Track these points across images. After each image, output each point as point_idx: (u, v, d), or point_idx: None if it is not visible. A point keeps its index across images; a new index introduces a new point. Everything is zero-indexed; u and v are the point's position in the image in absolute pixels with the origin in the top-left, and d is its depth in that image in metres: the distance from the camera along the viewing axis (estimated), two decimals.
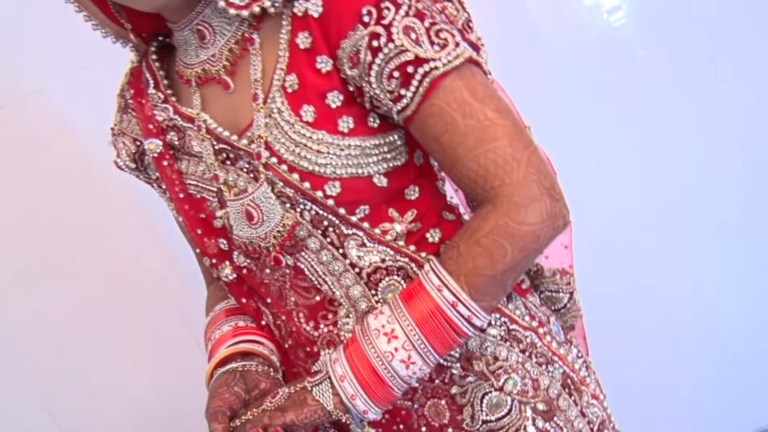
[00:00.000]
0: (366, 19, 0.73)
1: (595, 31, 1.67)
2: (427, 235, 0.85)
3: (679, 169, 1.73)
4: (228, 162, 0.84)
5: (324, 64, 0.77)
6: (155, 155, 0.89)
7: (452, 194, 0.94)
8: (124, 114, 0.96)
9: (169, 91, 0.90)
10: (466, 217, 0.93)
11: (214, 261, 0.91)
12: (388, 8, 0.73)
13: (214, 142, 0.84)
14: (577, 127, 1.62)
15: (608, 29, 1.67)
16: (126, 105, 0.95)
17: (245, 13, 0.77)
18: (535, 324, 0.87)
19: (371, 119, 0.79)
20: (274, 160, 0.79)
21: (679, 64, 1.67)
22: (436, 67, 0.72)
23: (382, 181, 0.81)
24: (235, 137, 0.82)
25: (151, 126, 0.89)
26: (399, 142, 0.82)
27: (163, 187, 0.92)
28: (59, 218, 1.50)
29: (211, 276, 1.03)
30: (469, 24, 0.86)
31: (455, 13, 0.85)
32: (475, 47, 0.82)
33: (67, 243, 1.51)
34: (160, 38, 0.95)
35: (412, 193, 0.84)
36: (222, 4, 0.77)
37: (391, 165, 0.81)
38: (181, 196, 0.89)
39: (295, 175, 0.79)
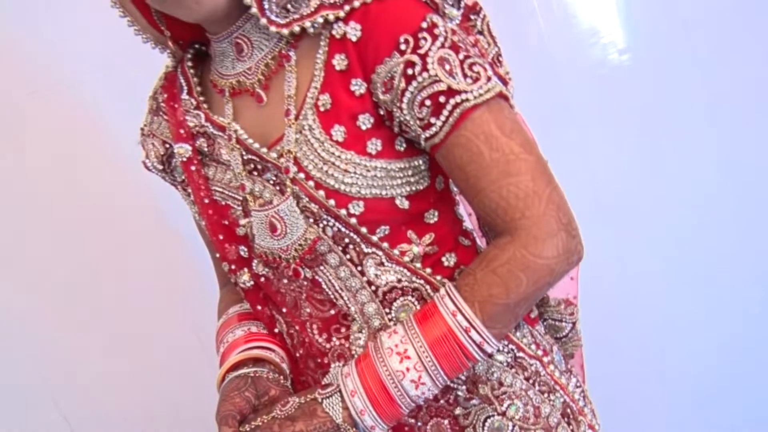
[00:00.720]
0: (403, 47, 0.75)
1: (608, 68, 1.70)
2: (443, 258, 0.86)
3: (685, 199, 1.76)
4: (255, 173, 0.85)
5: (358, 86, 0.78)
6: (184, 159, 0.90)
7: (465, 218, 0.95)
8: (155, 116, 0.97)
9: (201, 98, 0.91)
10: (479, 242, 0.95)
11: (233, 267, 0.92)
12: (425, 38, 0.74)
13: (243, 153, 0.86)
14: (585, 157, 1.65)
15: (620, 67, 1.70)
16: (158, 108, 0.96)
17: (286, 32, 0.79)
18: (540, 353, 0.88)
19: (398, 143, 0.81)
20: (301, 175, 0.80)
21: (679, 101, 1.70)
22: (467, 99, 0.74)
23: (403, 204, 0.82)
24: (264, 150, 0.83)
25: (181, 131, 0.90)
26: (423, 167, 0.83)
27: (188, 190, 0.93)
28: (78, 213, 1.50)
29: (225, 279, 1.04)
30: (499, 58, 0.87)
31: (486, 47, 0.87)
32: (504, 81, 0.84)
33: (84, 241, 1.51)
34: (197, 46, 0.96)
35: (432, 216, 0.85)
36: (264, 21, 0.78)
37: (413, 188, 0.82)
38: (206, 201, 0.90)
39: (321, 192, 0.80)
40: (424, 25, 0.75)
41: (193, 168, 0.90)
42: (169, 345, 1.60)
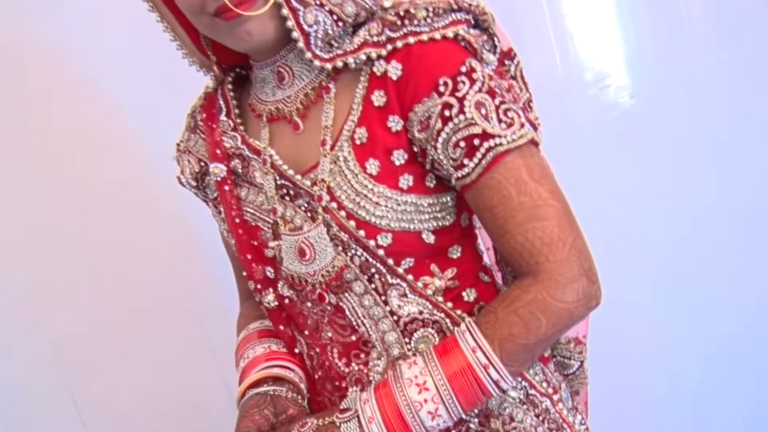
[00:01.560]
0: (442, 89, 0.76)
1: (618, 111, 1.73)
2: (464, 293, 0.87)
3: (693, 241, 1.79)
4: (287, 198, 0.87)
5: (395, 123, 0.80)
6: (218, 179, 0.91)
7: (484, 252, 0.97)
8: (192, 133, 0.99)
9: (239, 120, 0.93)
10: (497, 276, 0.96)
11: (258, 286, 0.93)
12: (463, 82, 0.76)
13: (277, 177, 0.87)
14: (594, 197, 1.67)
15: (630, 110, 1.73)
16: (195, 125, 0.98)
17: (329, 66, 0.80)
18: (550, 391, 0.89)
19: (429, 179, 0.82)
20: (333, 204, 0.82)
21: (685, 144, 1.74)
22: (501, 144, 0.76)
23: (429, 238, 0.83)
24: (298, 177, 0.85)
25: (218, 151, 0.92)
26: (450, 204, 0.84)
27: (219, 208, 0.94)
28: (99, 215, 1.52)
29: (246, 293, 1.05)
30: (530, 103, 0.89)
31: (519, 92, 0.89)
32: (534, 126, 0.86)
33: (102, 244, 1.52)
34: (237, 70, 0.98)
35: (455, 252, 0.87)
36: (309, 55, 0.79)
37: (440, 224, 0.84)
38: (237, 221, 0.91)
39: (352, 223, 0.81)
40: (463, 69, 0.77)
41: (226, 188, 0.91)
42: (180, 348, 1.60)
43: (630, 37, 1.72)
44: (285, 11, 0.77)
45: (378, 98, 0.80)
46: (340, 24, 0.80)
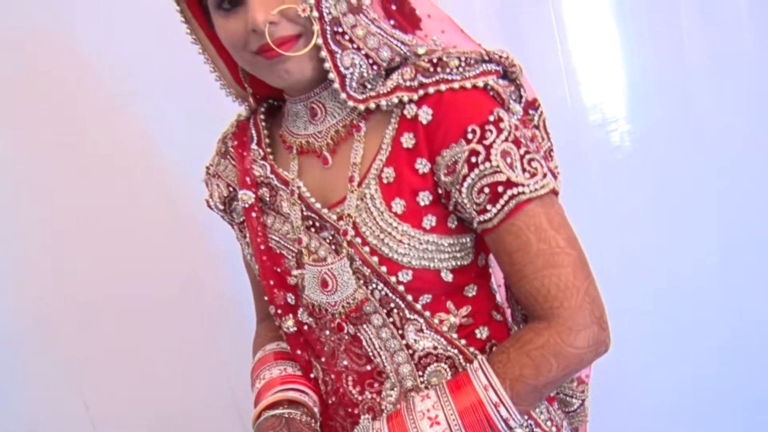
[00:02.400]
0: (470, 136, 0.79)
1: (624, 154, 1.76)
2: (477, 331, 0.89)
3: (700, 283, 1.81)
4: (313, 229, 0.89)
5: (422, 165, 0.82)
6: (246, 206, 0.93)
7: (496, 291, 0.99)
8: (222, 159, 1.01)
9: (269, 150, 0.96)
10: (508, 313, 0.99)
11: (279, 312, 0.95)
12: (491, 131, 0.79)
13: (304, 209, 0.89)
14: (599, 235, 1.69)
15: (638, 152, 1.76)
16: (226, 151, 1.00)
17: (362, 107, 0.83)
18: (554, 429, 0.91)
19: (450, 220, 0.84)
20: (358, 240, 0.84)
21: (687, 187, 1.77)
22: (524, 192, 0.78)
23: (447, 276, 0.86)
24: (325, 210, 0.87)
25: (247, 178, 0.94)
26: (469, 244, 0.87)
27: (245, 232, 0.96)
28: (119, 219, 1.53)
29: (264, 314, 1.07)
30: (551, 152, 0.92)
31: (541, 141, 0.92)
32: (553, 175, 0.88)
33: (120, 246, 1.53)
34: (270, 100, 1.01)
35: (471, 290, 0.89)
36: (344, 96, 0.82)
37: (458, 263, 0.86)
38: (262, 247, 0.93)
39: (375, 258, 0.83)
40: (492, 118, 0.79)
41: (253, 214, 0.93)
42: (188, 349, 1.60)
43: (635, 81, 1.75)
44: (324, 53, 0.80)
45: (407, 140, 0.83)
46: (375, 67, 0.83)
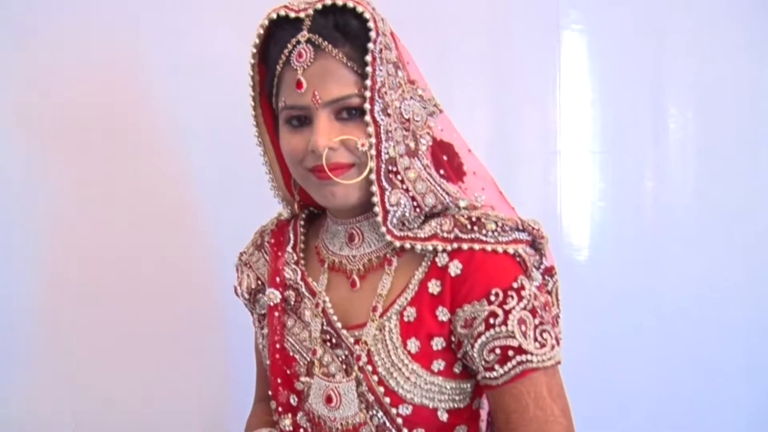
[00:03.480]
0: (492, 298, 0.84)
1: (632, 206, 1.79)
2: None
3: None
4: (329, 344, 0.93)
5: (442, 314, 0.87)
6: (271, 304, 0.98)
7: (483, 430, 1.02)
8: (257, 250, 1.05)
9: (302, 255, 1.00)
10: None
11: (279, 409, 0.98)
12: (512, 297, 0.84)
13: (324, 323, 0.93)
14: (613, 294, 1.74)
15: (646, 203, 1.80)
16: (262, 244, 1.05)
17: (398, 244, 0.88)
18: None
19: (457, 366, 0.89)
20: (369, 367, 0.88)
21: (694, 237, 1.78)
22: (531, 361, 0.83)
23: (443, 416, 0.90)
24: (344, 331, 0.91)
25: (277, 278, 0.98)
26: (468, 390, 0.91)
27: (263, 324, 1.00)
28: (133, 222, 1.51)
29: (262, 394, 1.10)
30: (558, 318, 0.98)
31: (551, 307, 0.97)
32: (557, 340, 0.94)
33: (131, 254, 1.51)
34: (312, 208, 1.06)
35: (461, 430, 0.93)
36: (383, 230, 0.87)
37: (455, 406, 0.90)
38: (277, 346, 0.97)
39: (381, 388, 0.87)
40: (515, 285, 0.85)
41: (276, 314, 0.97)
42: (192, 369, 1.57)
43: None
44: (374, 188, 0.85)
45: (433, 286, 0.88)
46: (418, 210, 0.88)
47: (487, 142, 1.66)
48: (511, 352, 0.83)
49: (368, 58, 0.83)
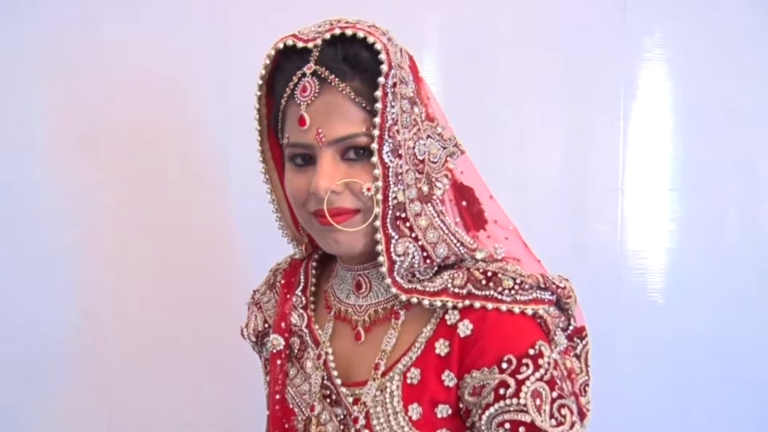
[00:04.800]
0: (504, 365, 0.73)
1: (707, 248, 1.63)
2: None
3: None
4: (328, 400, 0.84)
5: (449, 379, 0.77)
6: (274, 351, 0.91)
7: None
8: (269, 290, 0.99)
9: (312, 299, 0.93)
10: None
11: None
12: (527, 365, 0.73)
13: (325, 377, 0.85)
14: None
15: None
16: (274, 284, 0.98)
17: (404, 298, 0.79)
18: None
19: None
20: (366, 431, 0.80)
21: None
22: None
23: None
24: (344, 389, 0.83)
25: (283, 324, 0.91)
26: None
27: (268, 369, 0.94)
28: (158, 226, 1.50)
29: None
30: (586, 387, 0.86)
31: (578, 372, 0.85)
32: (582, 413, 0.82)
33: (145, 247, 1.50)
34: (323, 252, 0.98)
35: None
36: (389, 281, 0.77)
37: None
38: (278, 397, 0.89)
39: None
40: (531, 351, 0.74)
41: (278, 362, 0.90)
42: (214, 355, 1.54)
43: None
44: (379, 236, 0.76)
45: (441, 347, 0.78)
46: (428, 261, 0.79)
47: (559, 176, 1.57)
48: (522, 429, 0.72)
49: (378, 93, 0.75)
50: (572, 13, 1.53)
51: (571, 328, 0.83)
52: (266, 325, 0.96)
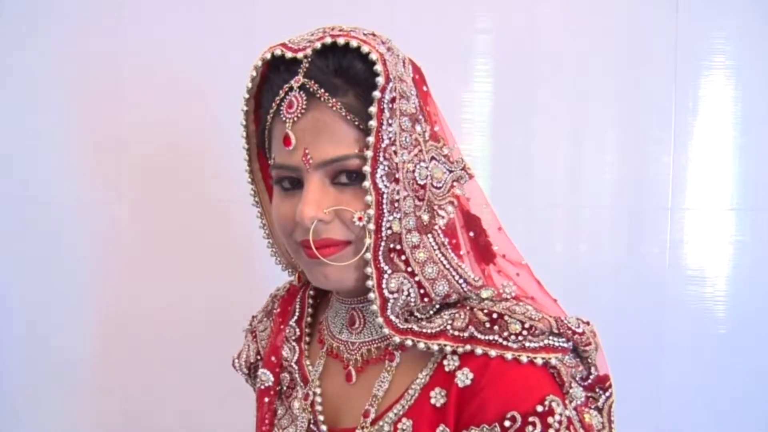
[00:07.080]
0: (507, 423, 0.62)
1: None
2: None
3: None
4: None
5: None
6: (262, 387, 0.82)
7: None
8: (266, 317, 0.90)
9: (307, 330, 0.84)
10: None
11: None
12: (533, 424, 0.62)
13: (311, 420, 0.76)
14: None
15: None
16: (271, 311, 0.89)
17: (397, 340, 0.68)
18: None
19: None
20: None
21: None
22: None
23: None
24: None
25: (273, 358, 0.82)
26: None
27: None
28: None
29: None
30: None
31: (600, 429, 0.73)
32: None
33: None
34: None
35: None
36: (380, 320, 0.67)
37: None
38: None
39: None
40: (540, 408, 0.63)
41: (266, 399, 0.81)
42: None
43: None
44: (369, 270, 0.67)
45: (437, 396, 0.68)
46: (426, 300, 0.69)
47: (613, 195, 1.44)
48: None
49: (372, 109, 0.65)
50: (623, 22, 1.41)
51: (592, 377, 0.71)
52: (258, 357, 0.88)
